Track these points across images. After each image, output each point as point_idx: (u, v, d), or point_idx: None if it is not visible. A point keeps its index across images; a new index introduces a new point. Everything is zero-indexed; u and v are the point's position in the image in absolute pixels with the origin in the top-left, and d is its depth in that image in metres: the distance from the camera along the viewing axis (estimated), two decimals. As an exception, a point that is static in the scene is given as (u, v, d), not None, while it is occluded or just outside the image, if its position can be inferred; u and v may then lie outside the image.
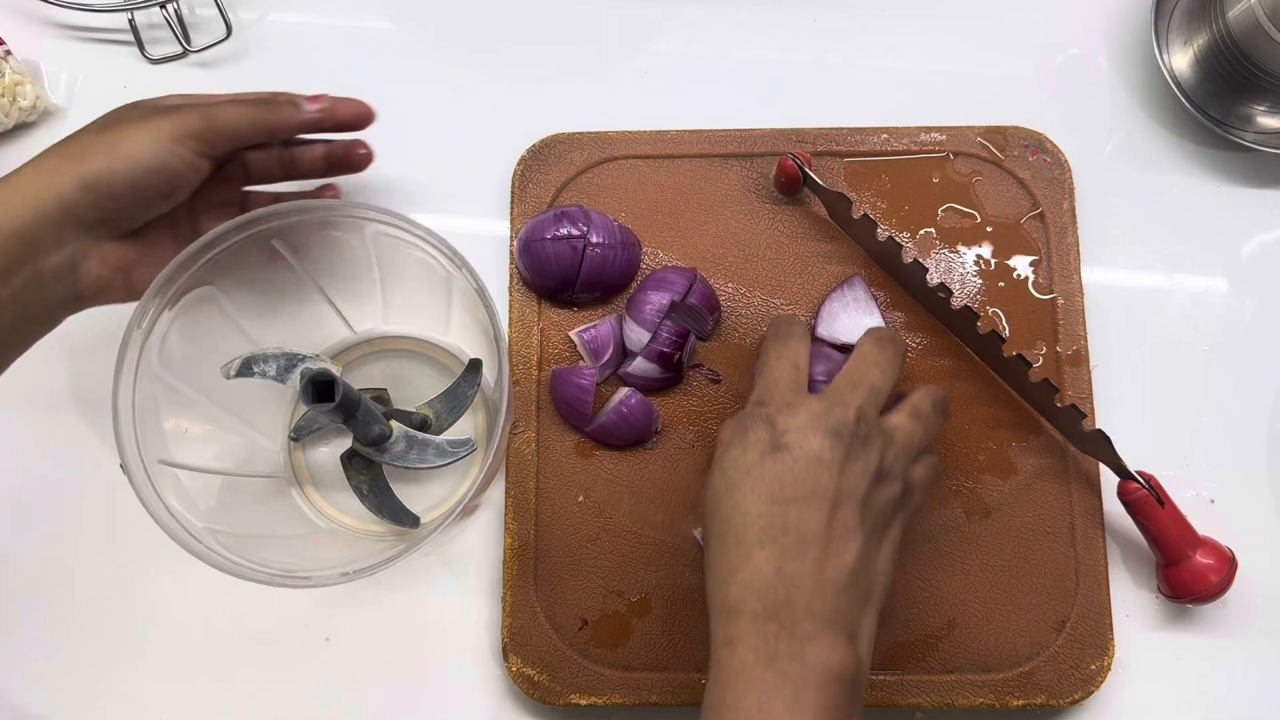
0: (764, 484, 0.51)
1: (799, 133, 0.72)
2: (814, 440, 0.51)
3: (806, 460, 0.51)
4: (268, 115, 0.59)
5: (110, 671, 0.67)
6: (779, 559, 0.49)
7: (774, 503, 0.50)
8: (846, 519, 0.51)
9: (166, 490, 0.54)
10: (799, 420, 0.52)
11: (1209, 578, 0.63)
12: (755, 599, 0.49)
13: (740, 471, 0.52)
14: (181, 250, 0.55)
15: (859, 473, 0.51)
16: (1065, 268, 0.70)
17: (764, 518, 0.50)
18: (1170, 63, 0.73)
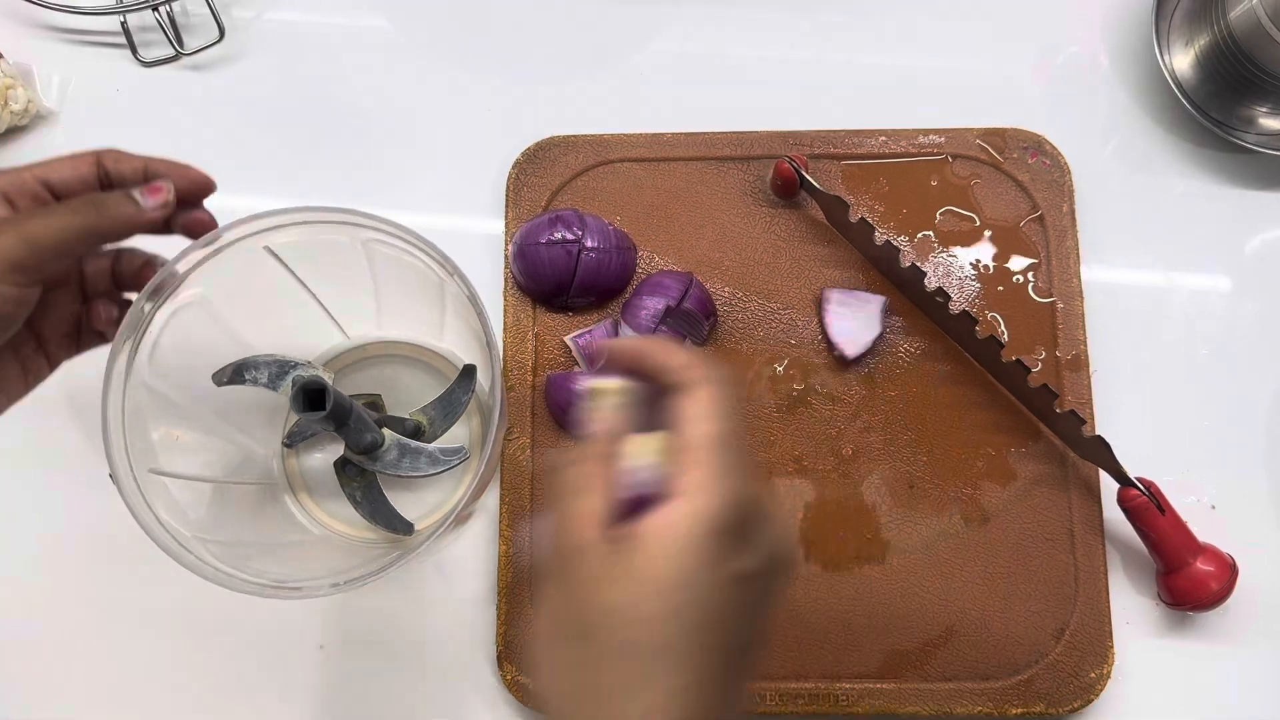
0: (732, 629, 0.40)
1: (796, 135, 0.72)
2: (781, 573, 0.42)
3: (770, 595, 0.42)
4: (99, 222, 0.49)
5: (101, 680, 0.67)
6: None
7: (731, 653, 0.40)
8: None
9: (156, 500, 0.53)
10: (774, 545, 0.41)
11: (1209, 585, 0.62)
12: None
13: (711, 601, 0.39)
14: (32, 376, 0.52)
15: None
16: (1065, 271, 0.69)
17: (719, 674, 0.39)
18: (1171, 63, 0.72)
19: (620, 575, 0.37)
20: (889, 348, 0.68)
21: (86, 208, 0.49)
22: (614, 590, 0.37)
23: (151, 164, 0.52)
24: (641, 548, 0.37)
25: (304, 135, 0.75)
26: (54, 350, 0.54)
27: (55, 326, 0.53)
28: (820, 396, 0.68)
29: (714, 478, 0.38)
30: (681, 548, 0.37)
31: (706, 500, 0.37)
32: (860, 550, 0.66)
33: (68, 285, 0.54)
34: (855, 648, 0.65)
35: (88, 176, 0.51)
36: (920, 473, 0.67)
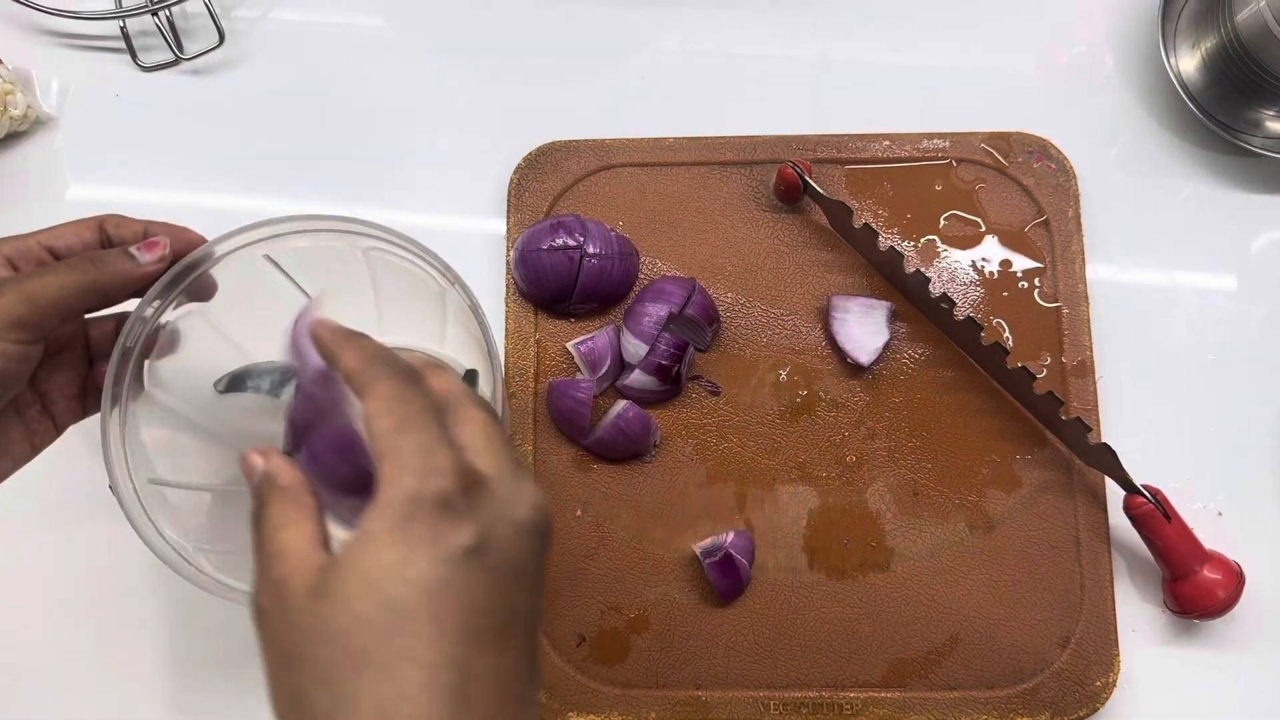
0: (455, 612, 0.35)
1: (799, 140, 0.71)
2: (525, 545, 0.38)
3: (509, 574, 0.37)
4: (99, 277, 0.49)
5: (100, 688, 0.67)
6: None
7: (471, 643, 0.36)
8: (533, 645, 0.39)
9: (156, 511, 0.53)
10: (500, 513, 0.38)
11: (1216, 593, 0.62)
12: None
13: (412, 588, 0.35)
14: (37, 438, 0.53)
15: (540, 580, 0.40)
16: (1070, 276, 0.69)
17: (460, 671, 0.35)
18: (1177, 66, 0.72)
19: (326, 589, 0.35)
20: (893, 354, 0.68)
21: (85, 264, 0.49)
22: (322, 606, 0.35)
23: (151, 227, 0.54)
24: (343, 559, 0.35)
25: (304, 140, 0.74)
26: (60, 413, 0.54)
27: (61, 389, 0.54)
28: (824, 403, 0.67)
29: (396, 467, 0.36)
30: (378, 544, 0.35)
31: (391, 493, 0.35)
32: (864, 558, 0.66)
33: (73, 348, 0.54)
34: (859, 656, 0.64)
35: (91, 242, 0.52)
36: (925, 480, 0.66)
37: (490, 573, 0.35)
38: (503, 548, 0.36)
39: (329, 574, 0.35)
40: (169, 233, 0.53)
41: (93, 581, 0.68)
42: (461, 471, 0.36)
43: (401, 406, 0.37)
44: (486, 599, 0.35)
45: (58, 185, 0.74)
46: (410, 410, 0.37)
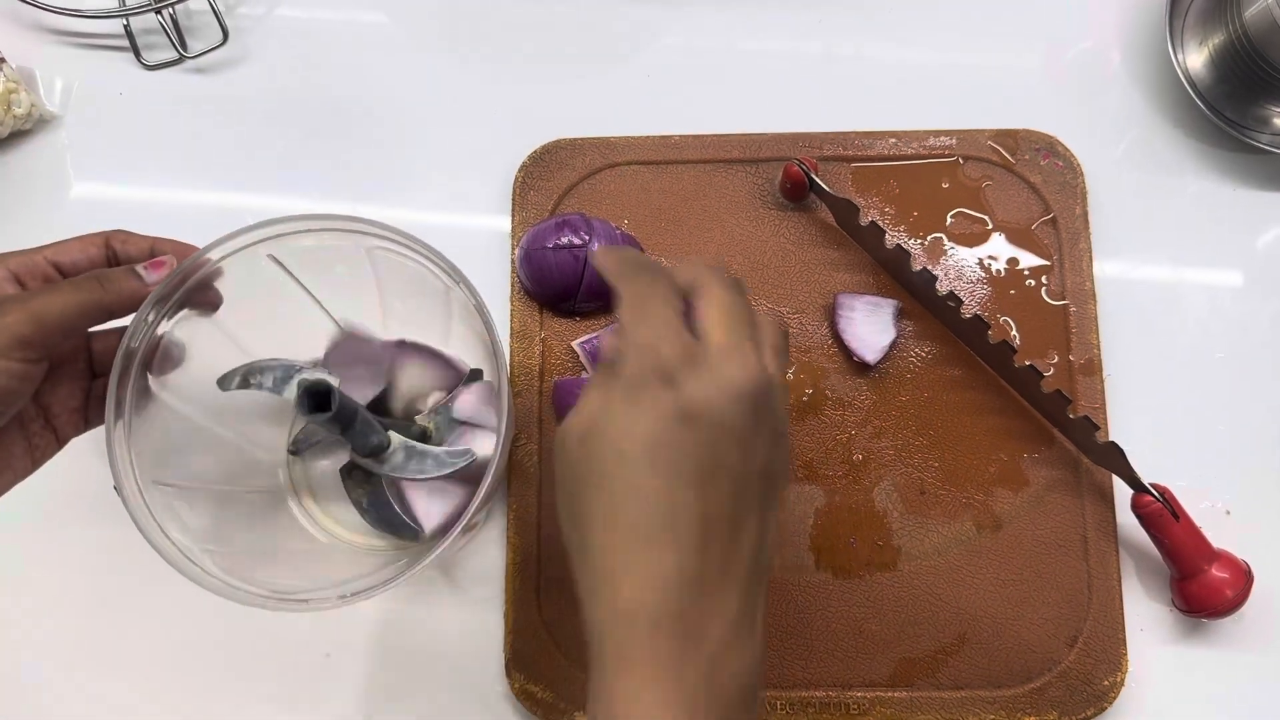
0: (666, 459, 0.41)
1: (805, 137, 0.71)
2: (730, 407, 0.42)
3: (716, 431, 0.42)
4: (104, 296, 0.50)
5: (106, 689, 0.67)
6: (680, 554, 0.41)
7: (677, 483, 0.41)
8: (748, 498, 0.43)
9: (161, 511, 0.53)
10: (709, 380, 0.42)
11: (1224, 592, 0.61)
12: (655, 605, 0.40)
13: (635, 442, 0.42)
14: (39, 452, 0.53)
15: (764, 442, 0.43)
16: (1078, 274, 0.68)
17: (666, 502, 0.41)
18: (1185, 63, 0.72)
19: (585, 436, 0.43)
20: (900, 352, 0.68)
21: (91, 283, 0.50)
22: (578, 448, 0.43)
23: (158, 244, 0.54)
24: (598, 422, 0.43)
25: (308, 138, 0.74)
26: (62, 426, 0.54)
27: (64, 402, 0.54)
28: (831, 402, 0.67)
29: (632, 351, 0.43)
30: (615, 411, 0.42)
31: (628, 370, 0.42)
32: (871, 557, 0.65)
33: (76, 361, 0.55)
34: (866, 655, 0.64)
35: (97, 258, 0.53)
36: (932, 479, 0.66)
37: (699, 430, 0.41)
38: (711, 410, 0.41)
39: (589, 430, 0.43)
40: (175, 250, 0.54)
41: (96, 582, 0.68)
42: (682, 351, 0.42)
43: (641, 303, 0.44)
44: (694, 451, 0.41)
45: (62, 184, 0.74)
46: (647, 306, 0.44)
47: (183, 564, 0.51)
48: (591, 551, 0.43)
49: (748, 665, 0.42)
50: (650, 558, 0.41)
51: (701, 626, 0.41)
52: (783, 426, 0.45)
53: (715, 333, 0.43)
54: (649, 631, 0.40)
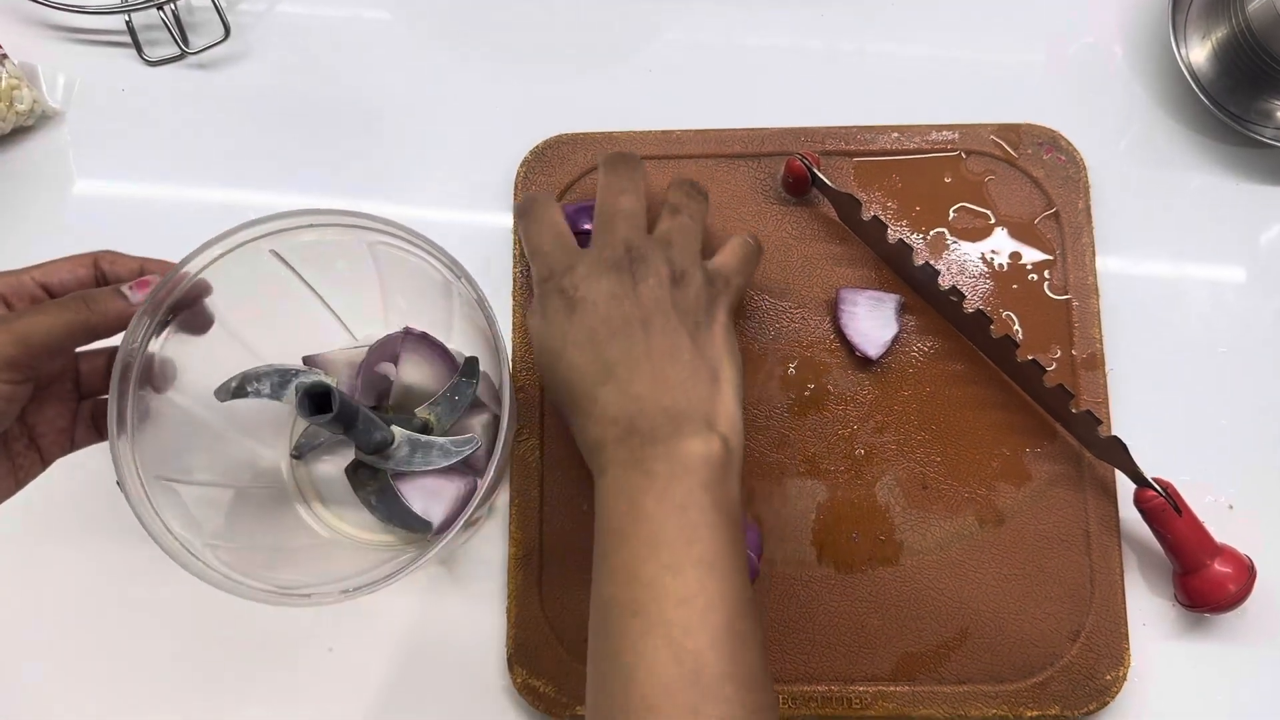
0: (580, 337, 0.54)
1: (807, 132, 0.71)
2: (601, 283, 0.55)
3: (604, 301, 0.54)
4: (90, 317, 0.50)
5: (108, 682, 0.67)
6: (619, 386, 0.52)
7: (596, 347, 0.53)
8: (663, 326, 0.54)
9: (164, 506, 0.53)
10: (581, 274, 0.55)
11: (1227, 587, 0.61)
12: (611, 426, 0.52)
13: (555, 338, 0.55)
14: (22, 472, 0.53)
15: (653, 286, 0.55)
16: (1080, 268, 0.68)
17: (594, 362, 0.53)
18: (1188, 57, 0.71)
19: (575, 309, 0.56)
20: (902, 347, 0.68)
21: (77, 304, 0.50)
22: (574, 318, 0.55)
23: (146, 264, 0.54)
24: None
25: (310, 133, 0.74)
26: (47, 447, 0.54)
27: (50, 423, 0.54)
28: (832, 397, 0.67)
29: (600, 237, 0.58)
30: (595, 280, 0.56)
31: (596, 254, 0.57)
32: (873, 551, 0.65)
33: (63, 381, 0.55)
34: (868, 650, 0.64)
35: (85, 279, 0.53)
36: (934, 473, 0.66)
37: (590, 307, 0.55)
38: (592, 291, 0.55)
39: (536, 330, 0.57)
40: (164, 271, 0.54)
41: (100, 577, 0.68)
42: (565, 261, 0.58)
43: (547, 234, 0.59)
44: (592, 322, 0.55)
45: (64, 180, 0.74)
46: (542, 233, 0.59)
47: (185, 559, 0.51)
48: (571, 420, 0.55)
49: (700, 450, 0.51)
50: (599, 402, 0.53)
51: (650, 427, 0.51)
52: (685, 268, 0.57)
53: (594, 225, 0.59)
54: (614, 446, 0.52)
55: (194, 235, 0.54)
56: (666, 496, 0.50)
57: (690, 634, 0.47)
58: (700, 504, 0.50)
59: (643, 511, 0.50)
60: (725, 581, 0.49)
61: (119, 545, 0.67)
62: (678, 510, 0.49)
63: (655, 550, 0.49)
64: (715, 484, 0.51)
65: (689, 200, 0.60)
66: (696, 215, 0.60)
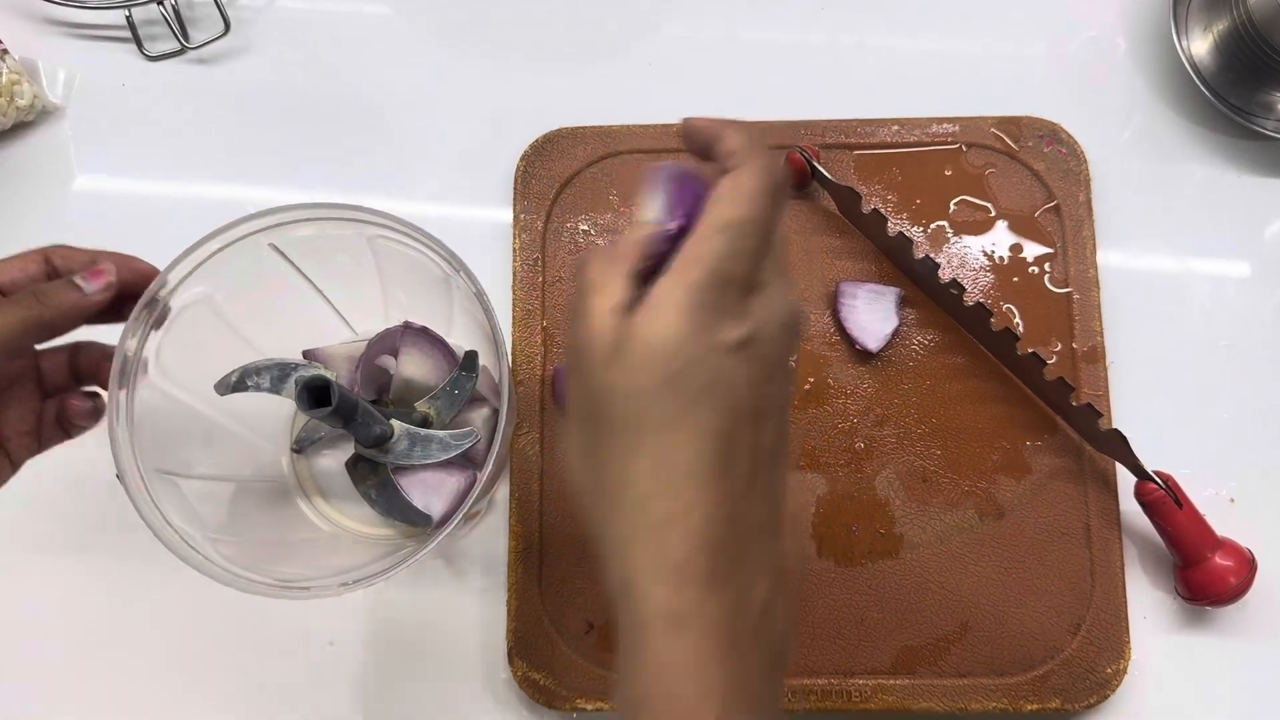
0: (723, 392, 0.38)
1: (807, 125, 0.71)
2: (780, 338, 0.39)
3: (767, 363, 0.39)
4: (44, 312, 0.48)
5: (109, 676, 0.67)
6: (732, 498, 0.38)
7: (735, 419, 0.38)
8: (783, 434, 0.41)
9: (164, 500, 0.53)
10: (767, 304, 0.39)
11: (1228, 580, 0.61)
12: (706, 556, 0.37)
13: (691, 366, 0.37)
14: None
15: (785, 376, 0.41)
16: (1081, 261, 0.68)
17: (725, 440, 0.38)
18: (1189, 49, 0.71)
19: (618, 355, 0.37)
20: (902, 340, 0.68)
21: (29, 300, 0.48)
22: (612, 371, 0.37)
23: (99, 257, 0.52)
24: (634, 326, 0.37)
25: (310, 128, 0.74)
26: (15, 450, 0.53)
27: (14, 425, 0.53)
28: (832, 390, 0.67)
29: (701, 253, 0.37)
30: (666, 321, 0.37)
31: (690, 273, 0.37)
32: (873, 545, 0.65)
33: (24, 383, 0.53)
34: (868, 643, 0.64)
35: (36, 275, 0.51)
36: (934, 467, 0.66)
37: (754, 363, 0.38)
38: (766, 343, 0.38)
39: (623, 342, 0.37)
40: (116, 261, 0.52)
41: (101, 570, 0.68)
42: (753, 275, 0.39)
43: (743, 201, 0.38)
44: (749, 386, 0.38)
45: (64, 175, 0.74)
46: (745, 207, 0.38)
47: (185, 552, 0.52)
48: (629, 495, 0.38)
49: (786, 618, 0.40)
50: (704, 500, 0.37)
51: (750, 582, 0.38)
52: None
53: (771, 261, 0.40)
54: (700, 591, 0.37)
55: (194, 230, 0.54)
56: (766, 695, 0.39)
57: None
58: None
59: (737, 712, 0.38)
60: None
61: (119, 540, 0.67)
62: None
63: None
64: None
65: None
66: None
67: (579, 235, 0.70)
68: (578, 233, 0.70)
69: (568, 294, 0.69)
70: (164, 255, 0.54)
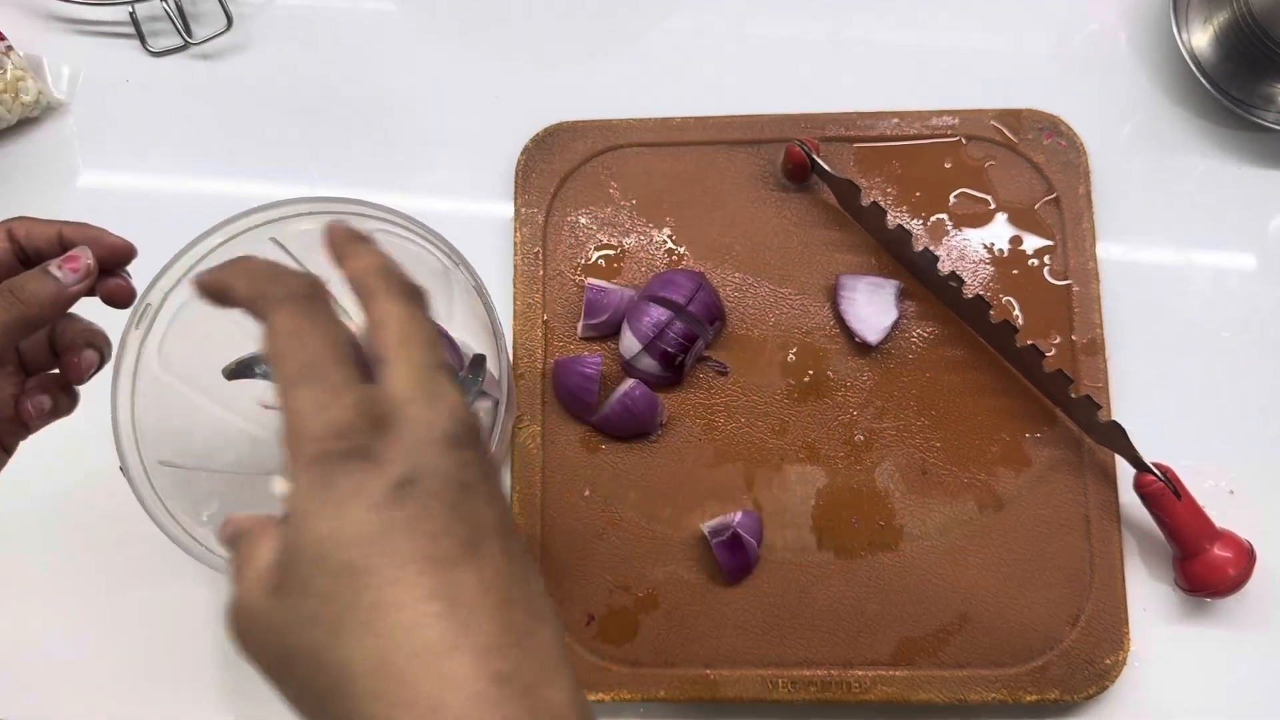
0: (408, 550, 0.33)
1: (807, 118, 0.71)
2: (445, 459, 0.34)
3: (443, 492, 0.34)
4: (25, 310, 0.46)
5: (115, 669, 0.67)
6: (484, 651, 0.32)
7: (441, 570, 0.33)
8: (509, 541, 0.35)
9: (167, 492, 0.53)
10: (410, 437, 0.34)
11: (1227, 571, 0.61)
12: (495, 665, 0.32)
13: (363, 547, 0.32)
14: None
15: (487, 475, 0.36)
16: (1081, 254, 0.68)
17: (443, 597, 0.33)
18: (1190, 42, 0.71)
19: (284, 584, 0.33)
20: (902, 333, 0.68)
21: (6, 299, 0.46)
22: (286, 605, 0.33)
23: (65, 230, 0.49)
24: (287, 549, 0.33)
25: (312, 122, 0.74)
26: (5, 436, 0.52)
27: (2, 411, 0.51)
28: (832, 383, 0.67)
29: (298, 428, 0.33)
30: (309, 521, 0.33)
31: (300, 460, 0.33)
32: (873, 537, 0.66)
33: (4, 368, 0.52)
34: (868, 635, 0.64)
35: (2, 255, 0.49)
36: (934, 459, 0.66)
37: (431, 498, 0.33)
38: (434, 471, 0.33)
39: (279, 568, 0.33)
40: (86, 237, 0.49)
41: (107, 563, 0.68)
42: (367, 412, 0.33)
43: (299, 345, 0.34)
44: (438, 524, 0.33)
45: (69, 171, 0.74)
46: (307, 349, 0.34)
47: (188, 543, 0.52)
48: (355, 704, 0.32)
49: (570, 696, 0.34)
50: (452, 671, 0.32)
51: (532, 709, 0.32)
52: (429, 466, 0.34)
53: (400, 370, 0.35)
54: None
55: (198, 224, 0.55)
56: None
57: None
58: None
59: None
60: None
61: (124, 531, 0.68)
62: None
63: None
64: None
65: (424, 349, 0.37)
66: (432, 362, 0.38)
67: (579, 229, 0.70)
68: (578, 226, 0.70)
69: (569, 288, 0.69)
70: (168, 249, 0.55)
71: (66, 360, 0.51)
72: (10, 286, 0.46)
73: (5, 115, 0.72)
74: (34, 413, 0.51)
